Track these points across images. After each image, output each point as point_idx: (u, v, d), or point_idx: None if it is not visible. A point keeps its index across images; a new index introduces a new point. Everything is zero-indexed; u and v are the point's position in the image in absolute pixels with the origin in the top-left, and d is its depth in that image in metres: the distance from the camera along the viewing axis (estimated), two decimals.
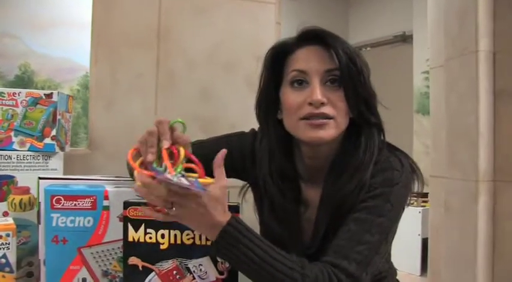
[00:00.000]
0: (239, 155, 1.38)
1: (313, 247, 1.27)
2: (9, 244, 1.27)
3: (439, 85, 3.41)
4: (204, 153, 1.31)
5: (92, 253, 1.26)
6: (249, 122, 1.74)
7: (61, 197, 1.23)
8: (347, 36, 6.95)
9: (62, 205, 1.23)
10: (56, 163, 1.53)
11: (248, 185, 1.43)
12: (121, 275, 1.27)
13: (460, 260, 2.93)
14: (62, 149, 1.56)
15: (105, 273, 1.27)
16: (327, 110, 1.20)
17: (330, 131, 1.21)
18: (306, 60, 1.24)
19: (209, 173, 1.28)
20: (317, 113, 1.20)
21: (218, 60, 1.90)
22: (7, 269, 1.27)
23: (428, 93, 4.99)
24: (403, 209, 1.24)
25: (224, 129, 1.73)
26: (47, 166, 1.52)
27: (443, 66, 3.10)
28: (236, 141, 1.41)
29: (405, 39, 6.04)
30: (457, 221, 2.97)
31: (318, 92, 1.19)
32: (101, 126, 1.82)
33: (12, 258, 1.28)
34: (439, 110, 3.37)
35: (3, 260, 1.26)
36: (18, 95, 1.52)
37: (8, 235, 1.27)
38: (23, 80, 5.69)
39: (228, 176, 1.29)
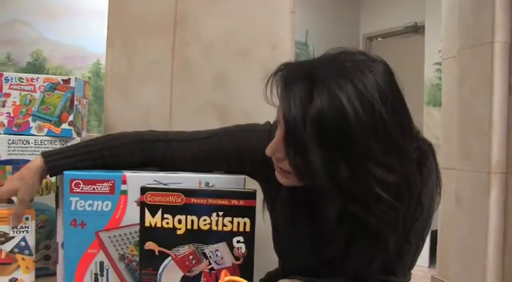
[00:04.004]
0: (250, 156, 1.30)
1: (332, 255, 1.25)
2: (28, 227, 1.30)
3: (451, 76, 3.41)
4: (210, 149, 1.32)
5: (109, 237, 1.27)
6: (263, 109, 1.73)
7: (80, 181, 1.25)
8: (358, 26, 6.94)
9: (81, 189, 1.25)
10: None
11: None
12: (138, 259, 1.29)
13: (470, 253, 2.94)
14: (79, 134, 1.57)
15: (122, 257, 1.29)
16: (281, 165, 1.12)
17: (292, 181, 1.13)
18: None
19: (215, 167, 1.30)
20: (274, 162, 1.16)
21: (233, 47, 1.90)
22: (26, 251, 1.30)
23: (439, 85, 4.98)
24: (435, 200, 1.19)
25: (238, 117, 1.74)
26: None
27: (456, 56, 3.09)
28: (248, 140, 1.31)
29: (417, 30, 6.01)
30: (467, 213, 2.97)
31: (268, 147, 1.12)
32: (117, 113, 1.83)
33: (31, 241, 1.30)
34: (451, 101, 3.37)
35: (23, 243, 1.29)
36: (37, 81, 1.53)
37: (27, 219, 1.30)
38: (35, 67, 5.71)
39: (238, 173, 1.31)
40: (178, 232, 1.16)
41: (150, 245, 1.17)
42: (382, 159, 0.99)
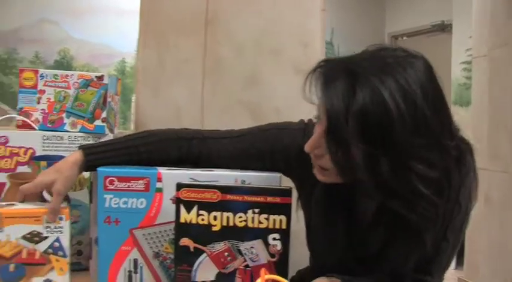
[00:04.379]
0: (284, 154, 1.30)
1: (367, 253, 1.23)
2: (62, 228, 1.27)
3: (481, 75, 3.36)
4: (244, 147, 1.32)
5: (143, 235, 1.27)
6: (294, 108, 1.73)
7: (114, 178, 1.25)
8: (383, 25, 6.89)
9: (115, 186, 1.25)
10: None
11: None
12: (172, 256, 1.29)
13: (500, 254, 2.90)
14: (111, 131, 1.58)
15: (157, 255, 1.29)
16: (320, 162, 1.12)
17: (330, 178, 1.13)
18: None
19: (249, 166, 1.29)
20: (312, 159, 1.15)
21: (265, 46, 1.89)
22: (60, 252, 1.28)
23: (467, 84, 4.92)
24: (472, 200, 1.18)
25: (270, 115, 1.74)
26: None
27: (487, 55, 3.05)
28: (281, 138, 1.31)
29: (444, 28, 5.94)
30: (497, 214, 2.94)
31: (308, 143, 1.12)
32: (148, 111, 1.83)
33: (65, 242, 1.28)
34: (481, 101, 3.32)
35: (57, 244, 1.27)
36: (71, 77, 1.54)
37: (61, 219, 1.27)
38: (62, 65, 5.78)
39: (272, 171, 1.30)
40: (214, 229, 1.15)
41: (185, 242, 1.17)
42: (424, 154, 0.98)
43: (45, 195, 1.32)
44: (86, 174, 1.52)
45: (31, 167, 1.49)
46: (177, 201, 1.16)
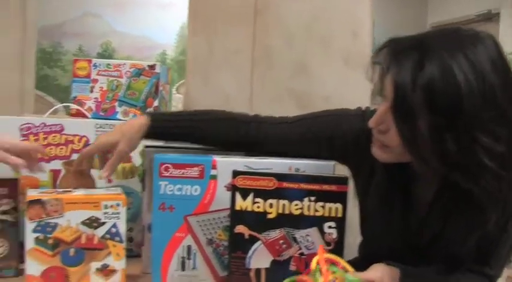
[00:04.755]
0: (342, 139, 1.28)
1: (423, 239, 1.22)
2: (119, 213, 1.29)
3: None
4: (301, 132, 1.31)
5: (197, 221, 1.28)
6: (344, 97, 1.72)
7: (169, 165, 1.25)
8: (425, 15, 6.77)
9: (170, 173, 1.26)
10: None
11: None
12: (225, 243, 1.29)
13: None
14: None
15: (210, 242, 1.29)
16: (383, 138, 1.11)
17: (391, 156, 1.13)
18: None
19: (305, 151, 1.28)
20: (375, 136, 1.14)
21: (314, 35, 1.88)
22: (117, 238, 1.30)
23: None
24: None
25: (319, 104, 1.72)
26: None
27: None
28: (339, 123, 1.30)
29: (491, 17, 5.80)
30: None
31: (372, 118, 1.11)
32: (197, 99, 1.84)
33: (122, 228, 1.30)
34: None
35: (114, 230, 1.29)
36: (123, 66, 1.56)
37: (118, 205, 1.29)
38: (104, 57, 5.86)
39: (327, 158, 1.29)
40: (269, 216, 1.15)
41: (240, 229, 1.17)
42: (490, 128, 0.98)
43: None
44: (138, 162, 1.54)
45: None
46: (233, 188, 1.16)
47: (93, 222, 1.28)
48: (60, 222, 1.26)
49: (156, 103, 1.54)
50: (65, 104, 1.58)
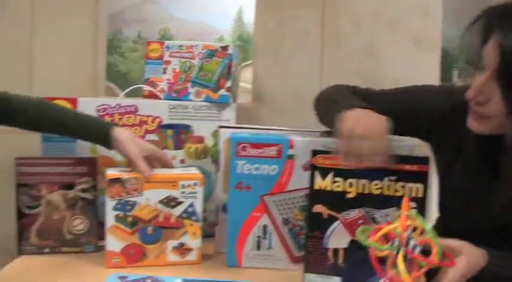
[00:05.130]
0: (427, 113, 1.25)
1: (504, 219, 1.17)
2: (196, 193, 1.31)
3: None
4: (389, 103, 1.28)
5: (274, 201, 1.28)
6: (413, 79, 1.68)
7: (247, 145, 1.26)
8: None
9: (248, 153, 1.26)
10: (229, 114, 1.56)
11: None
12: (301, 223, 1.29)
13: None
14: (234, 100, 1.59)
15: (286, 222, 1.29)
16: (482, 109, 1.08)
17: (484, 127, 1.10)
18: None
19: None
20: (472, 108, 1.11)
21: (383, 17, 1.85)
22: (194, 217, 1.32)
23: None
24: None
25: (387, 86, 1.69)
26: (220, 117, 1.55)
27: None
28: (424, 98, 1.28)
29: None
30: None
31: (471, 89, 1.08)
32: (266, 81, 1.84)
33: (198, 207, 1.32)
34: None
35: (191, 209, 1.32)
36: (195, 48, 1.57)
37: (195, 184, 1.31)
38: None
39: (407, 135, 1.26)
40: (349, 196, 1.14)
41: (318, 208, 1.16)
42: None
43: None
44: (210, 143, 1.55)
45: (158, 135, 1.53)
46: (312, 167, 1.15)
47: (170, 202, 1.30)
48: (139, 200, 1.28)
49: (228, 84, 1.54)
50: (137, 86, 1.60)
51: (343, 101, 1.19)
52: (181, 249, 1.33)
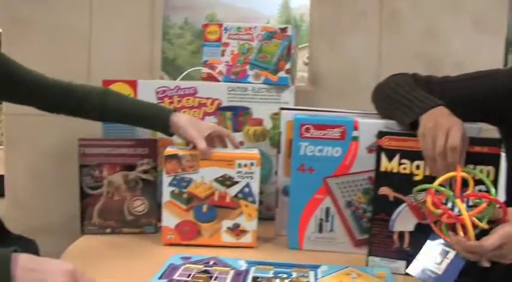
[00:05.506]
0: (496, 99, 1.22)
1: None
2: (253, 173, 1.30)
3: None
4: (447, 95, 1.25)
5: (337, 183, 1.26)
6: (475, 61, 1.64)
7: (310, 126, 1.24)
8: None
9: (311, 134, 1.25)
10: (288, 96, 1.55)
11: None
12: (364, 206, 1.27)
13: None
14: (293, 82, 1.58)
15: (349, 204, 1.28)
16: None
17: None
18: None
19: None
20: None
21: None
22: (250, 198, 1.31)
23: None
24: None
25: (448, 69, 1.65)
26: (279, 99, 1.54)
27: None
28: (492, 82, 1.24)
29: None
30: None
31: None
32: (322, 63, 1.82)
33: (255, 188, 1.31)
34: None
35: (247, 189, 1.30)
36: (254, 30, 1.55)
37: (252, 164, 1.29)
38: None
39: (476, 120, 1.22)
40: (416, 178, 1.12)
41: (384, 191, 1.14)
42: None
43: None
44: (269, 125, 1.54)
45: (217, 117, 1.53)
46: (378, 149, 1.13)
47: (226, 180, 1.30)
48: (195, 178, 1.29)
49: (288, 66, 1.52)
50: (196, 68, 1.60)
51: (414, 101, 1.16)
52: (236, 230, 1.32)
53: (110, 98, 1.36)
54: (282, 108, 1.37)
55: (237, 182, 1.30)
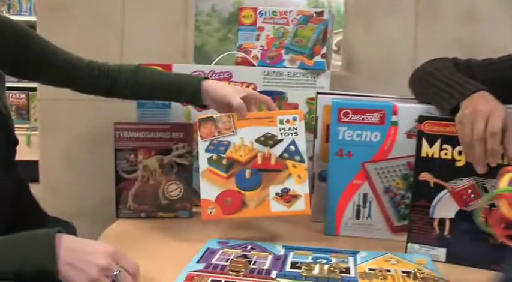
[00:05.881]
0: None
1: None
2: (297, 129, 1.20)
3: None
4: (492, 76, 1.23)
5: (375, 169, 1.25)
6: None
7: (349, 111, 1.23)
8: None
9: (350, 119, 1.23)
10: (324, 81, 1.53)
11: None
12: (403, 192, 1.25)
13: None
14: (328, 67, 1.56)
15: (387, 190, 1.26)
16: None
17: None
18: None
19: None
20: None
21: None
22: (297, 157, 1.20)
23: None
24: None
25: (487, 55, 1.62)
26: (314, 84, 1.53)
27: None
28: None
29: None
30: None
31: None
32: (358, 47, 1.79)
33: (302, 145, 1.20)
34: None
35: (293, 148, 1.20)
36: (289, 14, 1.54)
37: (294, 119, 1.21)
38: (237, 17, 5.90)
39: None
40: (458, 164, 1.09)
41: (425, 176, 1.12)
42: None
43: None
44: (305, 110, 1.52)
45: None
46: (419, 134, 1.11)
47: (268, 140, 1.21)
48: (233, 140, 1.21)
49: (324, 50, 1.50)
50: (230, 52, 1.59)
51: (454, 86, 1.13)
52: (286, 196, 1.20)
53: (140, 73, 1.34)
54: (319, 93, 1.36)
55: (280, 140, 1.20)
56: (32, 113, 5.03)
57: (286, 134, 1.20)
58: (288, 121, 1.21)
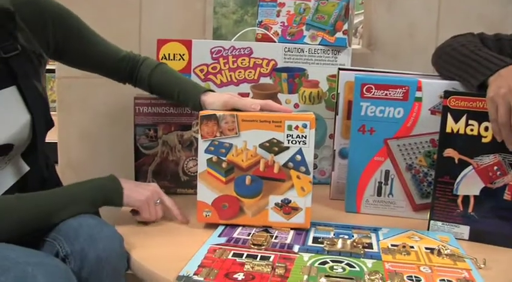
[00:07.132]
0: None
1: None
2: (305, 138, 1.08)
3: None
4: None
5: (398, 145, 1.23)
6: None
7: (372, 86, 1.21)
8: None
9: (373, 94, 1.21)
10: (345, 58, 1.51)
11: None
12: (425, 170, 1.24)
13: None
14: (350, 44, 1.53)
15: (409, 167, 1.24)
16: None
17: None
18: None
19: None
20: None
21: None
22: (303, 168, 1.10)
23: None
24: None
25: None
26: (335, 61, 1.51)
27: None
28: None
29: None
30: None
31: None
32: (380, 25, 1.77)
33: (309, 156, 1.09)
34: None
35: (299, 157, 1.10)
36: None
37: (304, 126, 1.08)
38: None
39: None
40: (484, 140, 1.07)
41: (449, 152, 1.10)
42: None
43: None
44: (325, 88, 1.51)
45: (272, 78, 1.50)
46: (444, 109, 1.09)
47: (273, 146, 1.10)
48: (236, 142, 1.10)
49: (345, 27, 1.48)
50: (251, 28, 1.58)
51: (481, 62, 1.11)
52: (287, 207, 1.12)
53: (156, 71, 1.32)
54: (341, 68, 1.34)
55: (286, 148, 1.10)
56: (49, 94, 5.04)
57: (294, 142, 1.09)
58: (297, 127, 1.09)
